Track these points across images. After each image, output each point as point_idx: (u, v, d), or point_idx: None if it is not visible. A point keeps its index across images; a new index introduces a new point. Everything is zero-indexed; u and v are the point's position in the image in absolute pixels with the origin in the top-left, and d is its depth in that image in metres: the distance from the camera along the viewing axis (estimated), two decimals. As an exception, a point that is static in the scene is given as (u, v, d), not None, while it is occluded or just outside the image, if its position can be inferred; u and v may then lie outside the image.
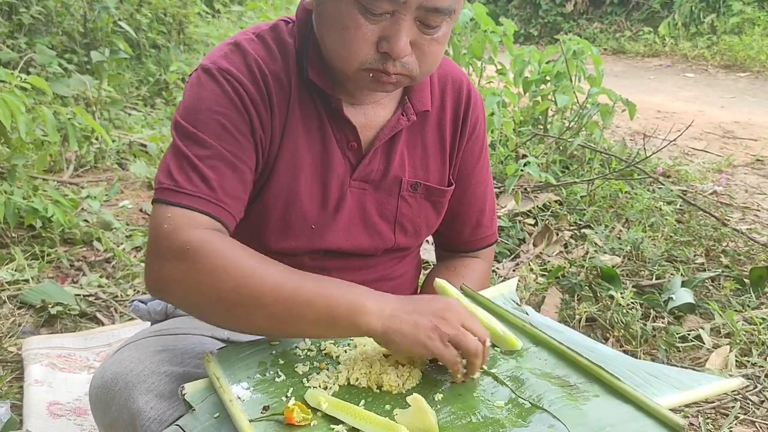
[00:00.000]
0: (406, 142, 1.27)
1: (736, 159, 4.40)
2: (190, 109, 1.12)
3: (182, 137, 1.10)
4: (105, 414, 1.14)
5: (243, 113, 1.12)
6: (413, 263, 1.44)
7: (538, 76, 3.83)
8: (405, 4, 1.03)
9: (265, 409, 0.99)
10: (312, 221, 1.21)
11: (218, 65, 1.13)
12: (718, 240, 2.87)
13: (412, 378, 1.06)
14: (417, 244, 1.39)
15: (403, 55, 1.06)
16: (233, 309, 1.02)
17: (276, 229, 1.20)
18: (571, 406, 0.99)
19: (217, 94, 1.11)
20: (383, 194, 1.27)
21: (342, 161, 1.22)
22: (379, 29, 1.05)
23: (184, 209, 1.05)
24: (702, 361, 2.05)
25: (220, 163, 1.08)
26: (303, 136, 1.19)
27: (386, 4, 1.03)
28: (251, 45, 1.17)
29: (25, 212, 2.63)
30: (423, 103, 1.26)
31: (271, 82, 1.15)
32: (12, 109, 2.48)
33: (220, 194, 1.07)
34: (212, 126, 1.09)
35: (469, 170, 1.36)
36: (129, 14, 5.35)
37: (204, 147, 1.08)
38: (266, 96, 1.15)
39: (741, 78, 7.86)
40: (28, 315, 2.25)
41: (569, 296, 2.44)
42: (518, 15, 11.54)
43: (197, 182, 1.06)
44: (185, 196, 1.05)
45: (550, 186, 3.31)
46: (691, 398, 1.07)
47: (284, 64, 1.17)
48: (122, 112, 4.53)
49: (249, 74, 1.14)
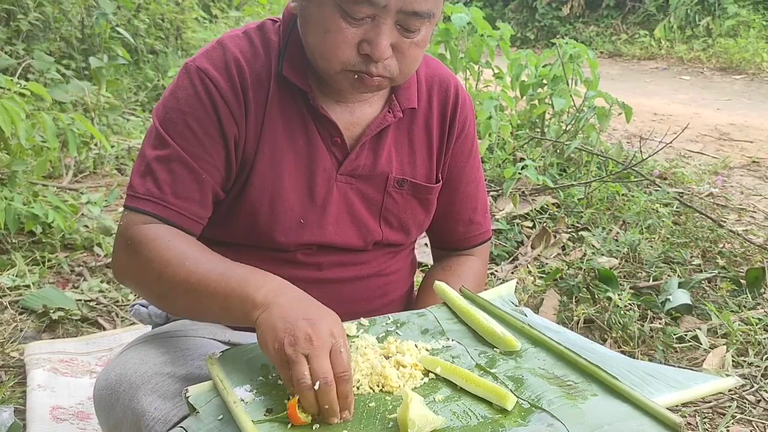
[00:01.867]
0: (393, 139, 1.30)
1: (732, 161, 4.43)
2: (165, 107, 1.20)
3: (151, 137, 1.20)
4: (109, 415, 1.16)
5: (211, 114, 1.18)
6: (407, 260, 1.45)
7: (535, 80, 3.85)
8: (385, 8, 1.07)
9: (269, 411, 1.00)
10: (300, 215, 1.24)
11: (197, 64, 1.20)
12: (714, 241, 2.89)
13: (413, 379, 1.08)
14: (408, 241, 1.41)
15: (384, 58, 1.11)
16: (162, 296, 1.15)
17: (266, 225, 1.24)
18: (569, 406, 1.00)
19: (190, 94, 1.18)
20: (370, 189, 1.30)
21: (327, 156, 1.25)
22: (361, 32, 1.10)
23: (135, 212, 1.17)
24: (699, 361, 2.07)
25: (176, 165, 1.17)
26: (283, 133, 1.22)
27: (366, 8, 1.07)
28: (235, 42, 1.22)
29: (26, 218, 2.64)
30: (409, 100, 1.29)
31: (248, 80, 1.20)
32: (12, 115, 2.49)
33: (168, 196, 1.16)
34: (179, 126, 1.17)
35: (460, 169, 1.39)
36: (126, 20, 5.37)
37: (165, 147, 1.17)
38: (241, 94, 1.19)
39: (737, 80, 7.89)
40: (30, 320, 2.26)
41: (567, 298, 2.46)
42: (515, 18, 11.58)
43: (149, 185, 1.16)
44: (137, 200, 1.17)
45: (548, 189, 3.33)
46: (688, 397, 1.09)
47: (266, 61, 1.22)
48: (120, 117, 4.54)
49: (225, 72, 1.19)
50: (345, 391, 0.95)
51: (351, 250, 1.31)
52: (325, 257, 1.29)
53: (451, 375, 1.07)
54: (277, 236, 1.24)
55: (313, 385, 0.93)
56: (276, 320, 0.98)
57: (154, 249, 1.12)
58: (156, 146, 1.18)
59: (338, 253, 1.30)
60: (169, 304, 1.17)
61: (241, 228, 1.25)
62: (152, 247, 1.12)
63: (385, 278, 1.37)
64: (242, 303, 1.04)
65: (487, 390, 1.03)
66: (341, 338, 0.98)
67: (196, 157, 1.18)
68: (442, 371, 1.08)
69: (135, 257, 1.14)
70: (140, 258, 1.13)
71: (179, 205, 1.17)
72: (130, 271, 1.17)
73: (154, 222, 1.16)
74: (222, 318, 1.13)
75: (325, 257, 1.29)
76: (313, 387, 0.93)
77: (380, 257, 1.36)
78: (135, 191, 1.17)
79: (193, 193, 1.18)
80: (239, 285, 1.05)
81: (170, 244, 1.12)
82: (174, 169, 1.17)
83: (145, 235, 1.14)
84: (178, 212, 1.17)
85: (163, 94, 1.24)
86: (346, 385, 0.95)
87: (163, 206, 1.16)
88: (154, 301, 1.22)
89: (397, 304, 1.42)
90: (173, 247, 1.12)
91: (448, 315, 1.28)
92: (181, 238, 1.15)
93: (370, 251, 1.33)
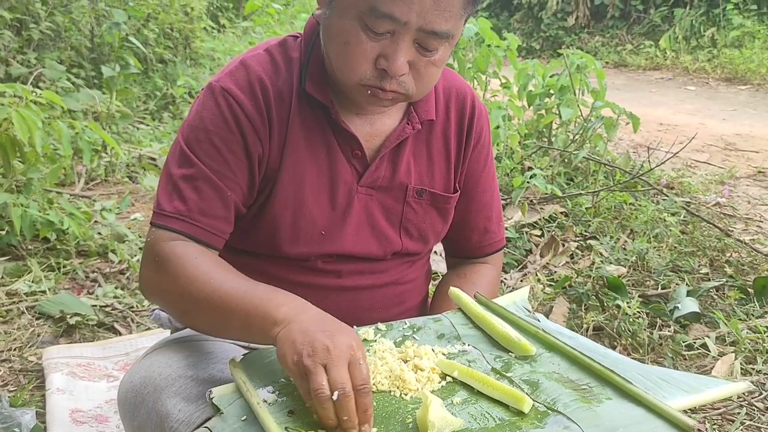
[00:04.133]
0: (412, 150, 1.33)
1: (738, 171, 4.45)
2: (190, 127, 1.23)
3: (176, 155, 1.22)
4: (134, 417, 1.19)
5: (235, 132, 1.20)
6: (423, 269, 1.48)
7: (542, 90, 3.88)
8: (405, 25, 1.08)
9: (291, 413, 1.03)
10: (322, 227, 1.27)
11: (221, 84, 1.22)
12: (721, 250, 2.91)
13: (431, 382, 1.10)
14: (425, 250, 1.43)
15: (400, 74, 1.12)
16: (186, 312, 1.17)
17: (287, 237, 1.26)
18: (585, 409, 1.02)
19: (215, 114, 1.21)
20: (389, 200, 1.32)
21: (348, 169, 1.28)
22: (379, 47, 1.11)
23: (162, 229, 1.19)
24: (708, 368, 2.09)
25: (201, 183, 1.19)
26: (305, 147, 1.25)
27: (388, 23, 1.08)
28: (257, 61, 1.25)
29: (41, 225, 2.67)
30: (428, 112, 1.32)
31: (271, 98, 1.22)
32: (29, 124, 2.53)
33: (194, 213, 1.19)
34: (204, 145, 1.20)
35: (476, 179, 1.42)
36: (136, 29, 5.43)
37: (190, 166, 1.20)
38: (265, 113, 1.22)
39: (742, 91, 7.91)
40: (47, 325, 2.29)
41: (576, 306, 2.48)
42: (520, 29, 11.62)
43: (176, 203, 1.19)
44: (164, 218, 1.19)
45: (556, 198, 3.36)
46: (700, 401, 1.11)
47: (288, 78, 1.24)
48: (130, 126, 4.58)
49: (249, 91, 1.21)
50: (365, 404, 0.93)
51: (370, 259, 1.33)
52: (345, 265, 1.32)
53: (468, 378, 1.09)
54: (298, 247, 1.27)
55: (331, 395, 0.92)
56: (295, 334, 0.99)
57: (181, 266, 1.14)
58: (182, 165, 1.21)
59: (358, 261, 1.32)
60: (192, 320, 1.19)
61: (263, 238, 1.27)
62: (179, 264, 1.14)
63: (402, 287, 1.40)
64: (263, 321, 1.05)
65: (504, 393, 1.05)
66: (360, 351, 0.98)
67: (221, 174, 1.20)
68: (459, 375, 1.10)
69: (161, 273, 1.16)
70: (167, 274, 1.15)
71: (205, 222, 1.19)
72: (157, 287, 1.19)
73: (181, 239, 1.18)
74: (243, 335, 1.14)
75: (345, 265, 1.32)
76: (332, 398, 0.92)
77: (398, 266, 1.38)
78: (162, 209, 1.20)
79: (218, 210, 1.20)
80: (261, 303, 1.07)
81: (196, 261, 1.14)
82: (200, 187, 1.19)
83: (172, 251, 1.16)
84: (204, 229, 1.19)
85: (187, 114, 1.26)
86: (365, 398, 0.94)
87: (189, 224, 1.18)
88: (178, 317, 1.23)
89: (413, 312, 1.44)
90: (199, 264, 1.14)
91: (463, 320, 1.30)
92: (207, 255, 1.17)
93: (389, 260, 1.36)
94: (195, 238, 1.19)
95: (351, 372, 0.95)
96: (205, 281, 1.12)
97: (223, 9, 8.46)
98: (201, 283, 1.12)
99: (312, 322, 1.02)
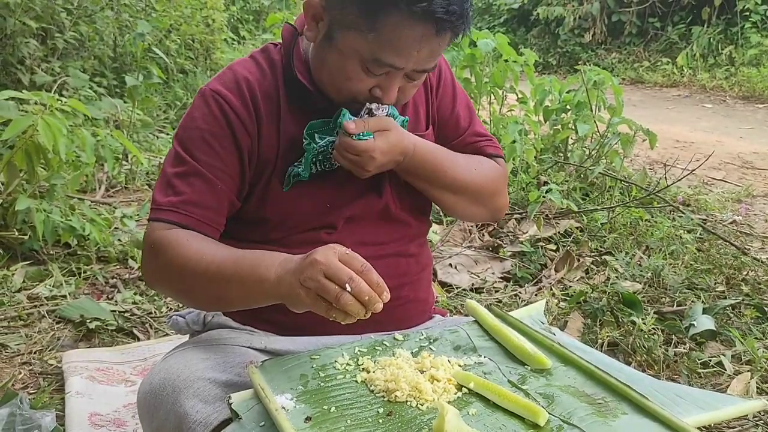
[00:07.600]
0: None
1: (755, 189, 4.42)
2: (183, 128, 1.33)
3: (171, 157, 1.32)
4: (153, 418, 1.22)
5: (225, 127, 1.30)
6: (422, 249, 1.51)
7: (558, 105, 3.89)
8: (402, 69, 1.23)
9: (308, 419, 1.05)
10: (327, 201, 1.36)
11: (210, 87, 1.33)
12: (738, 269, 2.89)
13: (447, 393, 1.11)
14: (418, 204, 1.47)
15: (392, 102, 1.29)
16: (187, 292, 1.27)
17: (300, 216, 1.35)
18: (600, 423, 1.03)
19: (205, 113, 1.31)
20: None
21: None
22: (375, 81, 1.26)
23: (157, 221, 1.28)
24: (723, 387, 2.08)
25: (194, 178, 1.28)
26: (299, 134, 1.33)
27: (387, 69, 1.22)
28: (243, 65, 1.36)
29: (63, 230, 2.72)
30: None
31: (258, 96, 1.32)
32: (54, 131, 2.58)
33: (187, 204, 1.27)
34: (196, 142, 1.30)
35: (450, 111, 1.51)
36: (158, 40, 5.51)
37: (184, 164, 1.29)
38: (251, 107, 1.31)
39: (759, 109, 7.87)
40: (67, 329, 2.33)
41: (591, 321, 2.48)
42: (537, 44, 11.63)
43: (170, 197, 1.28)
44: (159, 211, 1.28)
45: (572, 213, 3.36)
46: (715, 418, 1.12)
47: (273, 78, 1.35)
48: (151, 134, 4.65)
49: (236, 90, 1.32)
50: (374, 279, 1.03)
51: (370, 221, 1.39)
52: (348, 236, 1.36)
53: (484, 390, 1.11)
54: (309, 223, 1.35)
55: (344, 288, 1.01)
56: (293, 283, 1.07)
57: (174, 249, 1.22)
58: (175, 164, 1.30)
59: (359, 231, 1.38)
60: (195, 299, 1.28)
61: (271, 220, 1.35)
62: (172, 248, 1.23)
63: (405, 259, 1.45)
64: (260, 284, 1.13)
65: (520, 406, 1.06)
66: (341, 248, 1.06)
67: (213, 168, 1.29)
68: (475, 386, 1.12)
69: (158, 260, 1.25)
70: (163, 260, 1.24)
71: (197, 213, 1.27)
72: (157, 274, 1.28)
73: (174, 228, 1.26)
74: (246, 302, 1.21)
75: (348, 236, 1.36)
76: (346, 290, 1.01)
77: (398, 240, 1.43)
78: (157, 204, 1.29)
79: (210, 202, 1.29)
80: (251, 269, 1.15)
81: (187, 242, 1.23)
82: (192, 182, 1.28)
83: (165, 238, 1.25)
84: (196, 218, 1.27)
85: (181, 119, 1.36)
86: (371, 274, 1.04)
87: (183, 214, 1.27)
88: (182, 299, 1.33)
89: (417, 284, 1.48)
90: (190, 244, 1.23)
91: (479, 332, 1.32)
92: (197, 237, 1.26)
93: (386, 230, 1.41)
94: (187, 227, 1.26)
95: (346, 263, 1.04)
96: (198, 259, 1.20)
97: (244, 21, 8.57)
98: (195, 262, 1.20)
99: (297, 263, 1.09)
